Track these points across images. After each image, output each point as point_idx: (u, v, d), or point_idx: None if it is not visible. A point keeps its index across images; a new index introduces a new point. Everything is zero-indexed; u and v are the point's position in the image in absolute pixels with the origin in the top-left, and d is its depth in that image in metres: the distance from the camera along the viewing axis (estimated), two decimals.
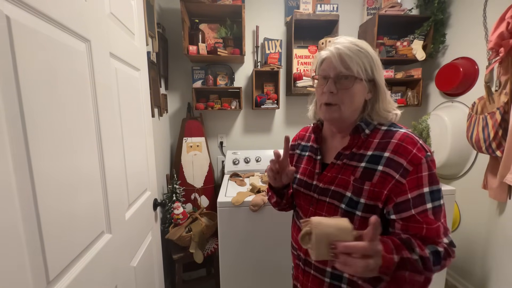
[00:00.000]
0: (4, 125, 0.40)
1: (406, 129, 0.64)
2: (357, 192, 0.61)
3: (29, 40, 0.45)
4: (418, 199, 0.56)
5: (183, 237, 1.53)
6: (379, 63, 0.63)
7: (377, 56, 0.64)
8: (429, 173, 0.56)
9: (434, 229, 0.55)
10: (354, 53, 0.61)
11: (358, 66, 0.60)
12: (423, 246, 0.53)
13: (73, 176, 0.56)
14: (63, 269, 0.53)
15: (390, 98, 0.66)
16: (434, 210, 0.56)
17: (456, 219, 1.82)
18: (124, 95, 0.84)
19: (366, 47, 0.63)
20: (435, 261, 0.53)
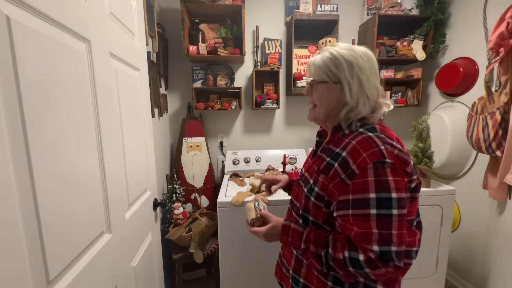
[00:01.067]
0: (4, 125, 0.40)
1: (380, 133, 0.62)
2: (315, 181, 0.67)
3: (29, 40, 0.45)
4: (359, 202, 0.57)
5: (183, 237, 1.53)
6: (353, 66, 0.63)
7: (360, 62, 0.64)
8: (376, 179, 0.55)
9: (363, 234, 0.56)
10: (322, 61, 0.66)
11: (320, 70, 0.66)
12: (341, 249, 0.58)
13: (73, 176, 0.56)
14: (63, 269, 0.53)
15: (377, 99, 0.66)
16: (379, 218, 0.55)
17: (456, 219, 1.82)
18: (124, 95, 0.84)
19: (340, 54, 0.64)
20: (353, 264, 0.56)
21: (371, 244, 0.55)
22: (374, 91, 0.65)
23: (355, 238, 0.57)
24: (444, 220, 1.43)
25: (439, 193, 1.40)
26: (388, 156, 0.57)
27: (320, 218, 0.66)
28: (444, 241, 1.45)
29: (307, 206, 0.69)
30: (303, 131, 2.14)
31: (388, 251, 0.54)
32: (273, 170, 1.77)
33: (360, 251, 0.56)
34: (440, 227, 1.43)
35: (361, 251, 0.56)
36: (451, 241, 1.76)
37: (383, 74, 1.91)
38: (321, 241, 0.62)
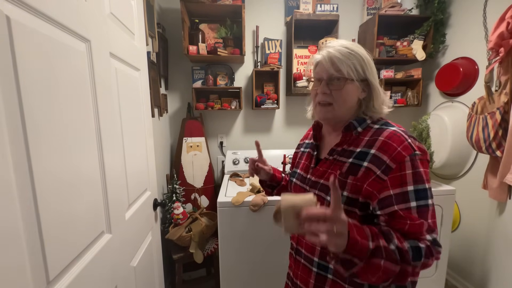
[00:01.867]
0: (4, 125, 0.40)
1: (398, 127, 0.63)
2: (341, 185, 0.62)
3: (29, 40, 0.45)
4: (401, 196, 0.56)
5: (183, 237, 1.53)
6: (371, 64, 0.65)
7: (369, 57, 0.66)
8: (413, 172, 0.56)
9: (417, 225, 0.55)
10: (344, 56, 0.63)
11: (348, 68, 0.63)
12: (402, 239, 0.54)
13: (73, 176, 0.56)
14: (63, 269, 0.53)
15: (385, 96, 0.67)
16: (419, 209, 0.56)
17: (456, 219, 1.82)
18: (124, 95, 0.84)
19: (357, 49, 0.65)
20: (415, 256, 0.53)
21: (423, 234, 0.55)
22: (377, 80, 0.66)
23: (409, 231, 0.55)
24: (444, 220, 1.43)
25: (439, 193, 1.40)
26: (417, 148, 0.58)
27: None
28: (444, 241, 1.45)
29: None
30: (303, 131, 2.14)
31: (435, 238, 0.56)
32: None
33: (419, 241, 0.55)
34: (440, 227, 1.43)
35: (420, 240, 0.55)
36: (451, 241, 1.76)
37: (383, 74, 1.91)
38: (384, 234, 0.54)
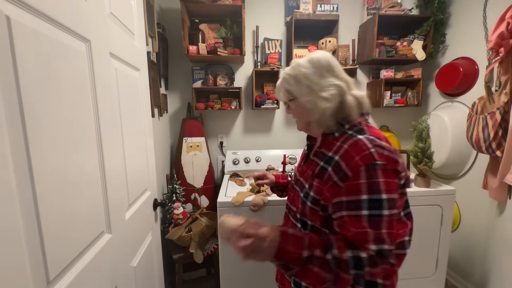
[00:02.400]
0: (4, 125, 0.40)
1: (371, 135, 0.63)
2: (310, 186, 0.68)
3: (29, 40, 0.45)
4: (352, 204, 0.58)
5: (183, 237, 1.53)
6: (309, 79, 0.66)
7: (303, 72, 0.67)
8: (368, 181, 0.57)
9: (360, 234, 0.56)
10: (281, 83, 0.72)
11: (282, 93, 0.72)
12: (344, 249, 0.56)
13: (73, 176, 0.56)
14: (63, 269, 0.53)
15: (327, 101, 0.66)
16: (371, 218, 0.56)
17: (456, 219, 1.82)
18: (124, 95, 0.84)
19: (293, 70, 0.69)
20: (355, 265, 0.55)
21: (368, 243, 0.56)
22: (332, 89, 0.65)
23: (353, 238, 0.57)
24: (444, 220, 1.43)
25: (439, 193, 1.40)
26: (379, 157, 0.58)
27: (318, 221, 0.66)
28: (444, 241, 1.45)
29: (304, 211, 0.69)
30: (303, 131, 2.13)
31: (382, 249, 0.56)
32: (273, 170, 1.77)
33: (361, 250, 0.56)
34: (440, 227, 1.43)
35: (362, 250, 0.56)
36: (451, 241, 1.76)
37: (383, 74, 1.91)
38: (324, 243, 0.58)
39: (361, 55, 2.01)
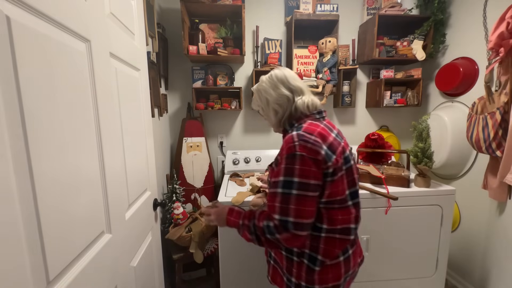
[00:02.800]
0: (4, 125, 0.40)
1: (303, 130, 0.75)
2: (270, 174, 0.84)
3: (29, 40, 0.45)
4: (274, 184, 0.75)
5: (183, 237, 1.53)
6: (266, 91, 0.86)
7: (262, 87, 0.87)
8: (286, 166, 0.72)
9: (270, 207, 0.75)
10: (253, 96, 0.93)
11: (254, 104, 0.93)
12: (262, 219, 0.76)
13: (73, 176, 0.56)
14: (63, 269, 0.53)
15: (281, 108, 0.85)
16: (282, 195, 0.72)
17: (456, 219, 1.82)
18: (124, 95, 0.84)
19: (258, 85, 0.90)
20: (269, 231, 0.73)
21: (275, 214, 0.73)
22: (282, 99, 0.83)
23: (268, 210, 0.76)
24: (444, 220, 1.43)
25: (439, 193, 1.40)
26: (300, 149, 0.71)
27: None
28: (444, 241, 1.45)
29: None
30: None
31: (285, 220, 0.71)
32: None
33: (271, 220, 0.73)
34: (440, 227, 1.43)
35: (271, 220, 0.73)
36: (451, 241, 1.76)
37: (383, 74, 1.92)
38: (251, 215, 0.80)
39: (361, 55, 2.01)
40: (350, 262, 0.81)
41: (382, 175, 1.44)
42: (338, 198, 0.75)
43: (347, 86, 2.04)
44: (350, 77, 2.04)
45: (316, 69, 1.93)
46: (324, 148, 0.72)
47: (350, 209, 0.78)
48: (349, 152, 0.80)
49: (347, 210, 0.77)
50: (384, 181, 1.43)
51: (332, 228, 0.76)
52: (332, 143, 0.75)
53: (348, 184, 0.77)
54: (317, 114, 0.84)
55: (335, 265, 0.79)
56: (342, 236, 0.78)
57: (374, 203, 1.37)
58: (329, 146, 0.73)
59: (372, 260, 1.41)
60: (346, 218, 0.77)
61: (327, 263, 0.78)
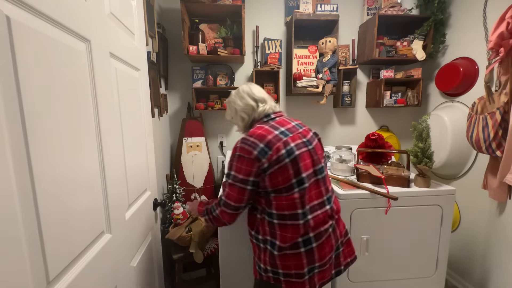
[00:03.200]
0: (4, 125, 0.40)
1: (247, 134, 0.90)
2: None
3: (29, 40, 0.45)
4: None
5: (183, 237, 1.53)
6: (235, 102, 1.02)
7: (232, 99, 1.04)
8: (229, 162, 0.91)
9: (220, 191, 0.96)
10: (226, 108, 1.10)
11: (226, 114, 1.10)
12: (211, 203, 0.98)
13: (73, 176, 0.56)
14: (63, 269, 0.53)
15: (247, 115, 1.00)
16: (223, 184, 0.92)
17: (456, 219, 1.82)
18: (124, 95, 0.84)
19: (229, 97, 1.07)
20: (212, 209, 0.95)
21: (219, 196, 0.95)
22: (248, 108, 0.98)
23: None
24: (444, 220, 1.42)
25: (439, 193, 1.40)
26: (238, 150, 0.87)
27: None
28: (444, 241, 1.45)
29: None
30: None
31: (221, 199, 0.92)
32: None
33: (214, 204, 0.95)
34: (440, 227, 1.43)
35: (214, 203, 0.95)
36: (451, 241, 1.76)
37: (383, 74, 1.92)
38: (208, 203, 1.01)
39: (361, 55, 2.01)
40: (314, 255, 0.88)
41: (382, 175, 1.44)
42: (281, 186, 0.85)
43: (347, 86, 2.04)
44: (350, 77, 2.04)
45: (316, 69, 1.93)
46: (260, 146, 0.84)
47: (294, 195, 0.86)
48: (300, 143, 0.90)
49: (291, 197, 0.86)
50: (384, 181, 1.43)
51: (281, 214, 0.86)
52: (271, 140, 0.85)
53: (294, 173, 0.86)
54: (264, 117, 0.97)
55: (296, 255, 0.87)
56: (292, 222, 0.86)
57: (374, 203, 1.37)
58: (266, 144, 0.85)
59: (372, 260, 1.41)
60: (291, 203, 0.86)
61: (288, 251, 0.87)
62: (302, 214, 0.87)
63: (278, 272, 0.88)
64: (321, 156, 0.96)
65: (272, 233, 0.88)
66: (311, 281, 0.90)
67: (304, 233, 0.87)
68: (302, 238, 0.87)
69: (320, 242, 0.89)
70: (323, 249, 0.90)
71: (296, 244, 0.87)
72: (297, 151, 0.87)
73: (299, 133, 0.92)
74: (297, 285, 0.88)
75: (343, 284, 1.43)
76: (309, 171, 0.89)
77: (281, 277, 0.88)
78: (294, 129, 0.92)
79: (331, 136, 2.18)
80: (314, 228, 0.88)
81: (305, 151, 0.90)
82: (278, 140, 0.86)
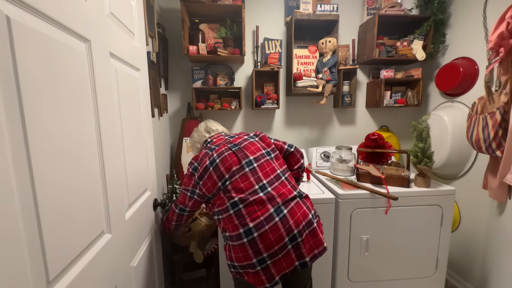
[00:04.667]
0: (4, 125, 0.40)
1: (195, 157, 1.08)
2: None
3: (29, 40, 0.45)
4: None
5: (183, 237, 1.53)
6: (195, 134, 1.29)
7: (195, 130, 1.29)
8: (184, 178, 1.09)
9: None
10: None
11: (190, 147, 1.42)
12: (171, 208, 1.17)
13: (73, 176, 0.56)
14: (63, 269, 0.53)
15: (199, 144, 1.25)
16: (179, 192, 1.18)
17: (456, 219, 1.82)
18: (124, 95, 0.84)
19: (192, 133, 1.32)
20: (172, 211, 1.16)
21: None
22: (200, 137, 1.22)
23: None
24: (444, 220, 1.43)
25: (439, 193, 1.40)
26: (187, 170, 1.07)
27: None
28: (444, 241, 1.45)
29: None
30: (303, 131, 2.14)
31: (175, 203, 1.13)
32: None
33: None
34: (440, 227, 1.43)
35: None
36: (451, 241, 1.76)
37: (383, 74, 1.92)
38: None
39: (361, 55, 2.01)
40: (257, 245, 0.89)
41: (382, 175, 1.44)
42: (213, 190, 0.99)
43: (347, 86, 2.04)
44: (350, 77, 2.04)
45: (316, 69, 1.93)
46: (195, 165, 1.04)
47: (221, 194, 0.98)
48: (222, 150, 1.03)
49: (219, 196, 0.99)
50: (384, 181, 1.43)
51: (219, 210, 0.98)
52: (201, 159, 1.04)
53: (218, 177, 0.99)
54: (203, 143, 1.20)
55: (241, 246, 0.91)
56: (226, 214, 0.96)
57: (374, 203, 1.37)
58: (199, 163, 1.03)
59: (372, 260, 1.41)
60: (222, 202, 0.97)
61: (235, 243, 0.93)
62: (231, 205, 0.95)
63: (235, 265, 0.94)
64: (256, 149, 1.05)
65: (223, 228, 0.98)
66: (266, 272, 0.89)
67: (243, 224, 0.92)
68: (243, 229, 0.91)
69: (263, 232, 0.89)
70: (267, 238, 0.88)
71: (239, 235, 0.91)
72: (218, 158, 1.01)
73: (226, 142, 1.08)
74: (254, 276, 0.90)
75: (343, 284, 1.43)
76: (233, 169, 0.99)
77: (240, 270, 0.93)
78: (221, 141, 1.10)
79: (331, 136, 2.18)
80: (252, 217, 0.91)
81: (228, 154, 1.01)
82: (205, 157, 1.04)
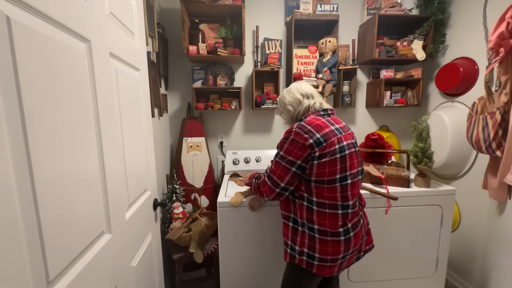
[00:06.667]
0: (4, 125, 0.40)
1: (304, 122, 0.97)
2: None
3: (29, 40, 0.45)
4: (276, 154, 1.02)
5: (183, 237, 1.53)
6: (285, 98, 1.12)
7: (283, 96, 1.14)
8: (280, 142, 0.99)
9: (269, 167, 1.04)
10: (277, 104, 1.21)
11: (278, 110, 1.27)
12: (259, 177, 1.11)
13: (73, 176, 0.56)
14: (63, 269, 0.53)
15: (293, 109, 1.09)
16: (273, 160, 1.02)
17: (456, 219, 1.82)
18: (124, 95, 0.84)
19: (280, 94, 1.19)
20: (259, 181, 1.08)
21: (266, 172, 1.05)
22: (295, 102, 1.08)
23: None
24: (444, 220, 1.43)
25: (439, 193, 1.40)
26: (293, 134, 0.94)
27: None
28: (444, 241, 1.45)
29: None
30: None
31: (269, 175, 1.01)
32: None
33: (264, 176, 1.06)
34: (440, 227, 1.43)
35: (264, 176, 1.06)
36: (451, 241, 1.76)
37: (383, 74, 1.91)
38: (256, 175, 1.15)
39: (361, 55, 2.01)
40: (350, 243, 0.97)
41: (382, 175, 1.44)
42: (326, 178, 0.92)
43: (347, 86, 2.04)
44: (350, 77, 2.04)
45: (316, 69, 1.93)
46: (317, 136, 0.91)
47: (337, 189, 0.94)
48: (350, 143, 0.97)
49: (333, 189, 0.94)
50: (384, 181, 1.43)
51: (321, 202, 0.94)
52: (327, 133, 0.92)
53: (340, 169, 0.93)
54: (321, 111, 1.03)
55: (336, 242, 0.95)
56: (331, 211, 0.95)
57: (374, 203, 1.37)
58: (323, 136, 0.91)
59: (372, 260, 1.41)
60: (332, 195, 0.94)
61: (329, 238, 0.94)
62: (342, 206, 0.95)
63: (314, 256, 0.95)
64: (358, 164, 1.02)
65: (310, 219, 0.96)
66: (340, 266, 1.00)
67: (343, 223, 0.95)
68: (342, 228, 0.95)
69: (356, 232, 0.99)
70: (357, 237, 1.00)
71: (338, 233, 0.95)
72: (347, 150, 0.94)
73: (349, 134, 1.00)
74: (328, 269, 0.97)
75: (343, 284, 1.43)
76: (353, 171, 0.96)
77: (316, 262, 0.95)
78: (345, 129, 1.00)
79: None
80: (351, 219, 0.97)
81: (354, 151, 0.97)
82: (334, 135, 0.93)
